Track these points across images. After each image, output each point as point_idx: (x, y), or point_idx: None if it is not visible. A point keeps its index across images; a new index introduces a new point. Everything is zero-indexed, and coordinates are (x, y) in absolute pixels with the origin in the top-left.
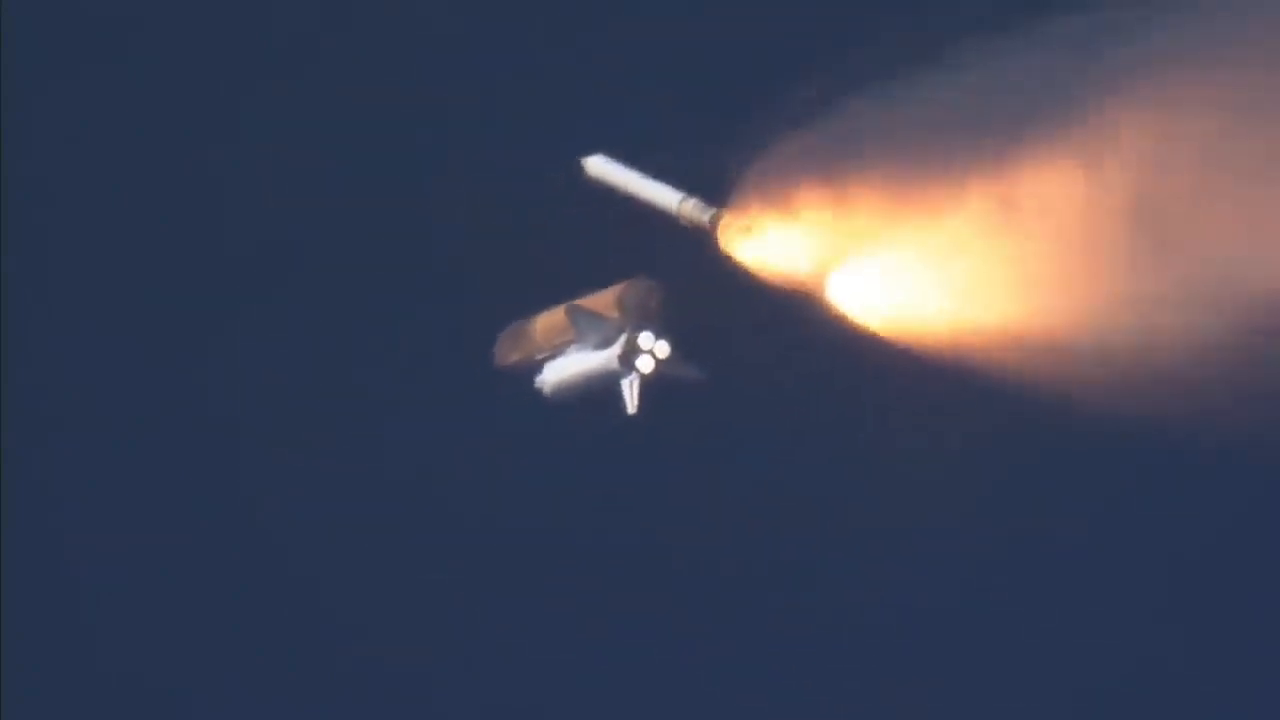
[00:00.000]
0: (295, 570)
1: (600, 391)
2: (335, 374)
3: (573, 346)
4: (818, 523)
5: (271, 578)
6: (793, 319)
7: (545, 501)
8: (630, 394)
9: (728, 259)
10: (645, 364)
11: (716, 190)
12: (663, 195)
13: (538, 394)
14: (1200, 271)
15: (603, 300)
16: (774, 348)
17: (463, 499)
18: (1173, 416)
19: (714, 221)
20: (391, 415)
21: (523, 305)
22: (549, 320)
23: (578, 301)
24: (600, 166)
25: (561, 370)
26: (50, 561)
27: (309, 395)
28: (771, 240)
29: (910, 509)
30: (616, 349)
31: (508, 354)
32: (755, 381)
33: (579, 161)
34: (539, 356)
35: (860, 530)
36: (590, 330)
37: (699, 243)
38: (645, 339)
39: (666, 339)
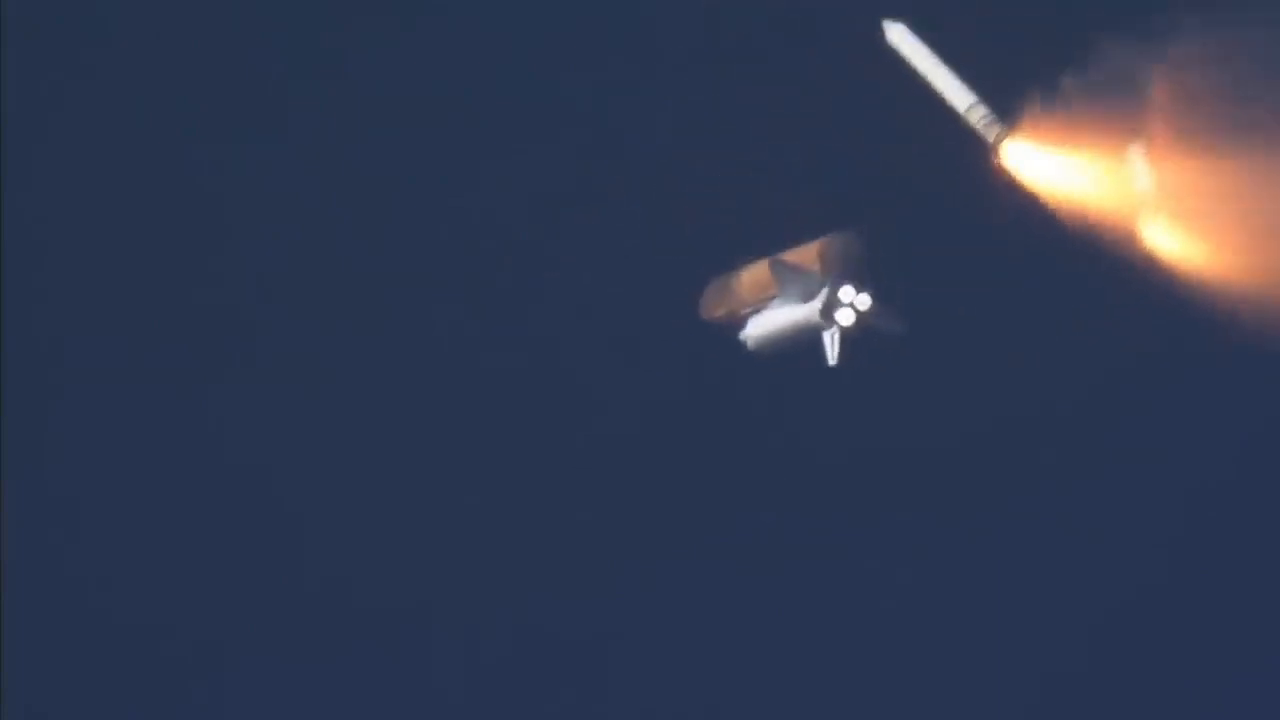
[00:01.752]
0: (308, 564)
1: (803, 344)
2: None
3: (776, 300)
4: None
5: (279, 573)
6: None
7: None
8: (832, 346)
9: (1007, 181)
10: (846, 317)
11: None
12: (954, 91)
13: (742, 346)
14: None
15: (805, 254)
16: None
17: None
18: None
19: (998, 140)
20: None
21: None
22: (753, 274)
23: (781, 256)
24: (900, 36)
25: (765, 324)
26: (50, 562)
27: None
28: (1066, 169)
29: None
30: (818, 302)
31: (714, 307)
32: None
33: (882, 23)
34: (744, 311)
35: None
36: (793, 284)
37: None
38: (846, 292)
39: (868, 291)
